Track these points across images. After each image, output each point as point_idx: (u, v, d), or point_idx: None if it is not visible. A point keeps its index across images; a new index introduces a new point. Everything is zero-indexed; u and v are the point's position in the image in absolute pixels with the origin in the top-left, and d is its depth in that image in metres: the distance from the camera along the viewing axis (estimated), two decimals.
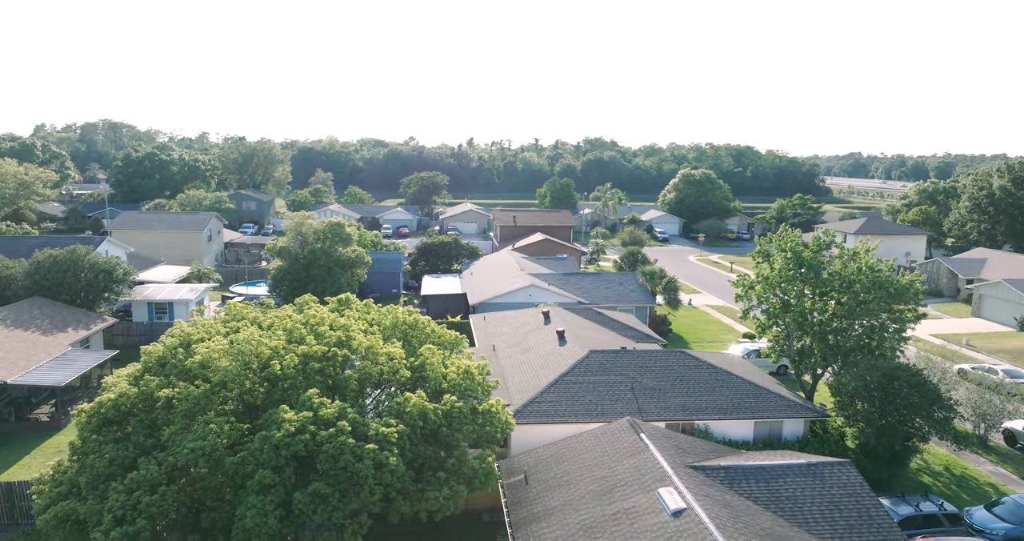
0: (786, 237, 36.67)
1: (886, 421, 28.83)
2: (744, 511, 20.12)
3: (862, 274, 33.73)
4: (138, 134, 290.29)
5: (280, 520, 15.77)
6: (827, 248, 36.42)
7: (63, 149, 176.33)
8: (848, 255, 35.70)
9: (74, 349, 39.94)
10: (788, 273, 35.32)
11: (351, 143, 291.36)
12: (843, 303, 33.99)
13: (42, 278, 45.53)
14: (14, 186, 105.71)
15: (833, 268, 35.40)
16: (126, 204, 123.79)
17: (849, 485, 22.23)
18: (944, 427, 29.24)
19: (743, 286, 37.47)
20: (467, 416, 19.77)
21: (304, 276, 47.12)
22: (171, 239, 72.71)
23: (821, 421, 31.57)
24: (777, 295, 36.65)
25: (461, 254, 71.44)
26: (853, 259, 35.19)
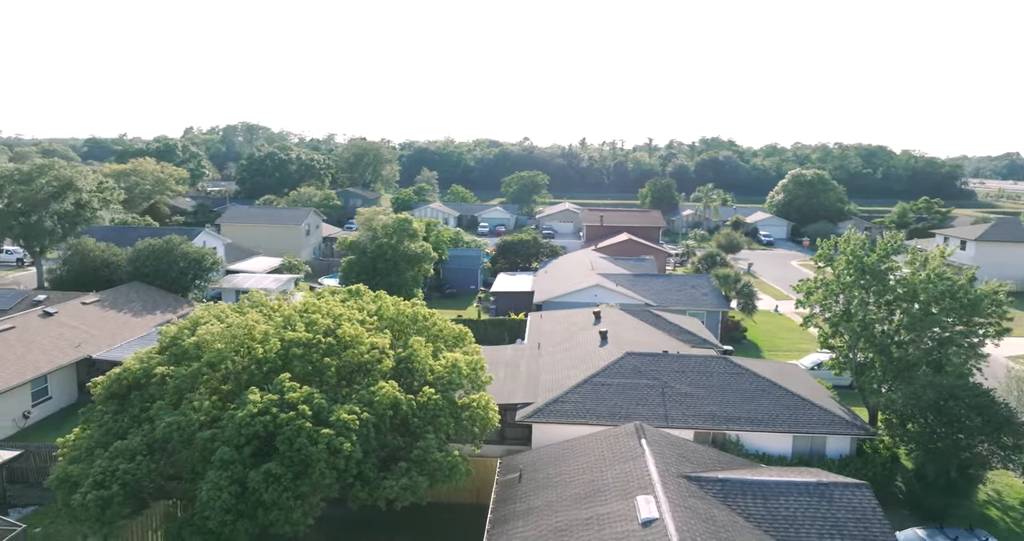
0: (850, 240, 34.06)
1: (937, 445, 26.15)
2: (728, 527, 18.96)
3: (929, 282, 30.73)
4: (272, 135, 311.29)
5: (235, 496, 16.59)
6: (895, 253, 33.46)
7: (201, 149, 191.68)
8: (920, 261, 32.66)
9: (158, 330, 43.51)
10: (848, 279, 32.79)
11: (466, 143, 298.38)
12: (909, 313, 31.12)
13: (141, 265, 49.95)
14: (151, 182, 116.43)
15: (902, 275, 32.50)
16: (248, 200, 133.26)
17: (859, 509, 20.39)
18: (1013, 455, 26.15)
19: (803, 291, 35.18)
20: (444, 409, 19.88)
21: (371, 269, 48.91)
22: (272, 232, 77.49)
23: (871, 440, 29.13)
24: (839, 302, 34.13)
25: (541, 252, 71.50)
26: (924, 265, 32.15)
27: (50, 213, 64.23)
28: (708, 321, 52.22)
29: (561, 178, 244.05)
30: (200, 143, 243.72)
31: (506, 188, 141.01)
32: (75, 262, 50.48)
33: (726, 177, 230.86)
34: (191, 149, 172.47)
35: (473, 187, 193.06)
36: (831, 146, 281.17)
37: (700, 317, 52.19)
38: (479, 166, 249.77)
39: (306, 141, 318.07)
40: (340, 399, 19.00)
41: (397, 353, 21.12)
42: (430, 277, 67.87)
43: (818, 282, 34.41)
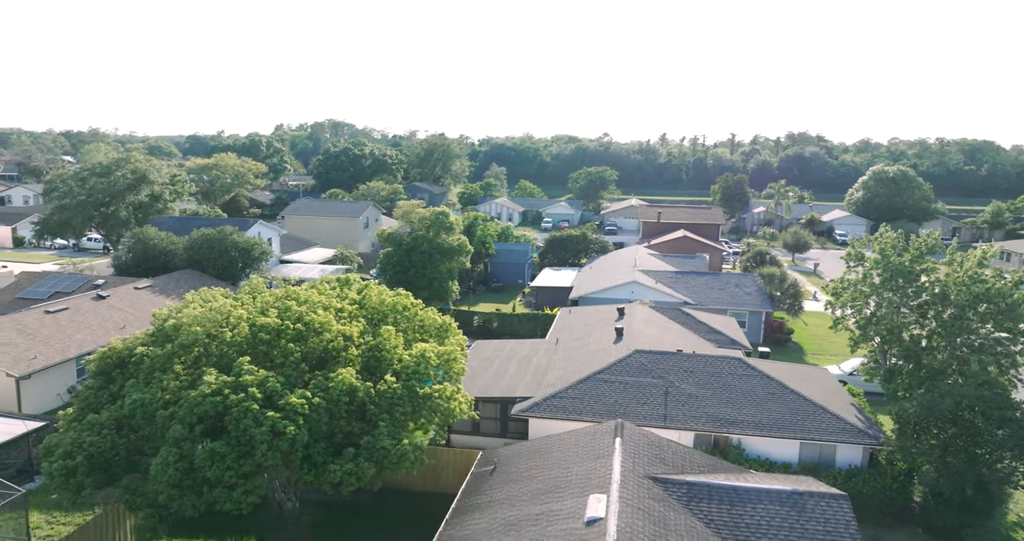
0: (884, 238, 32.04)
1: (949, 460, 24.26)
2: (681, 531, 18.25)
3: (963, 284, 28.51)
4: (356, 131, 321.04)
5: (182, 472, 17.31)
6: (930, 253, 31.20)
7: (286, 146, 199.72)
8: (958, 262, 30.35)
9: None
10: (876, 280, 30.89)
11: (544, 139, 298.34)
12: (939, 318, 29.01)
13: (195, 253, 52.66)
14: (231, 176, 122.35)
15: (936, 277, 30.32)
16: (322, 194, 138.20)
17: (832, 521, 19.19)
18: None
19: (832, 292, 33.38)
20: (403, 398, 20.04)
21: (406, 261, 49.74)
22: (331, 225, 80.00)
23: (890, 451, 27.33)
24: (870, 305, 32.20)
25: (590, 248, 70.73)
26: (961, 267, 29.86)
27: (126, 204, 68.65)
28: (750, 321, 50.36)
29: (637, 175, 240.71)
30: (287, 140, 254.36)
31: (573, 184, 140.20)
32: (137, 250, 53.69)
33: (811, 174, 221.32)
34: (275, 145, 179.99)
35: (548, 183, 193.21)
36: (931, 141, 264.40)
37: (742, 317, 50.39)
38: (555, 162, 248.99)
39: (388, 137, 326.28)
40: (299, 384, 19.48)
41: (367, 342, 21.43)
42: (478, 271, 68.55)
43: (846, 282, 32.55)
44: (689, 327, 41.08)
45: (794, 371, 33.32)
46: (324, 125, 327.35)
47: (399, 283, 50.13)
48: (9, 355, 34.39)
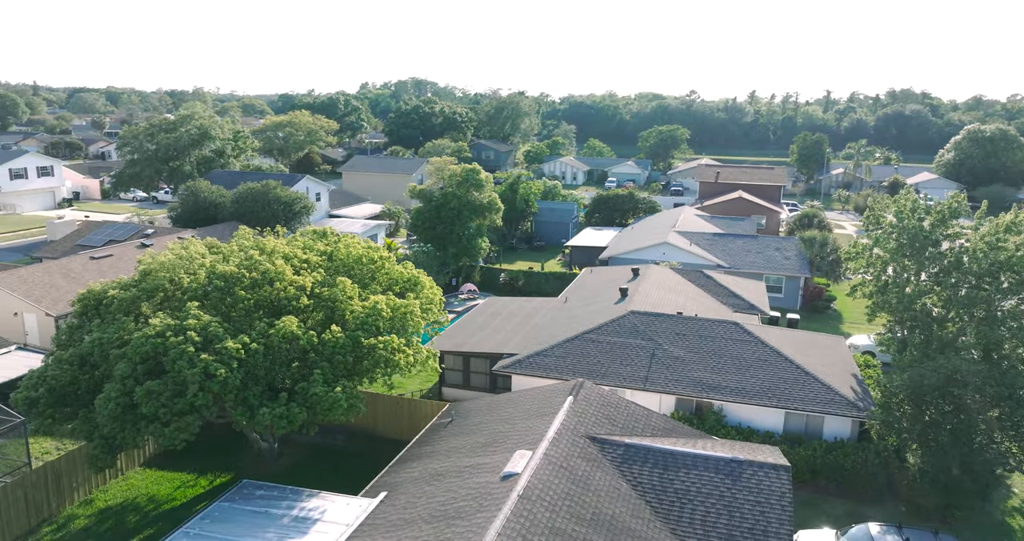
0: (902, 200, 29.78)
1: (933, 436, 22.72)
2: (600, 492, 18.05)
3: (978, 251, 26.21)
4: (438, 90, 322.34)
5: (122, 407, 18.47)
6: (954, 217, 28.72)
7: (364, 104, 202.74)
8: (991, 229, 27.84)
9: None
10: (891, 245, 28.85)
11: (626, 97, 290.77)
12: (948, 286, 26.88)
13: (240, 206, 54.91)
14: (304, 133, 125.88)
15: (960, 243, 27.99)
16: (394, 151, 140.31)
17: (765, 492, 18.46)
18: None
19: (846, 257, 31.44)
20: (345, 347, 20.50)
21: (435, 217, 50.16)
22: (386, 181, 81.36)
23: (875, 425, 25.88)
24: (888, 272, 30.19)
25: (638, 208, 69.09)
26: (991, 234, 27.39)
27: (190, 158, 72.04)
28: (787, 287, 48.22)
29: (721, 134, 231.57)
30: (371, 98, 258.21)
31: (643, 143, 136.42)
32: (189, 202, 56.50)
33: (911, 134, 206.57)
34: (353, 103, 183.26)
35: (626, 142, 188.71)
36: None
37: (778, 282, 48.32)
38: (634, 120, 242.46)
39: (469, 95, 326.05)
40: (244, 330, 20.25)
41: (322, 292, 21.95)
42: (521, 230, 68.39)
43: (860, 247, 30.54)
44: (708, 290, 39.78)
45: (800, 339, 31.80)
46: (407, 83, 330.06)
47: (428, 239, 50.85)
48: (51, 296, 37.24)
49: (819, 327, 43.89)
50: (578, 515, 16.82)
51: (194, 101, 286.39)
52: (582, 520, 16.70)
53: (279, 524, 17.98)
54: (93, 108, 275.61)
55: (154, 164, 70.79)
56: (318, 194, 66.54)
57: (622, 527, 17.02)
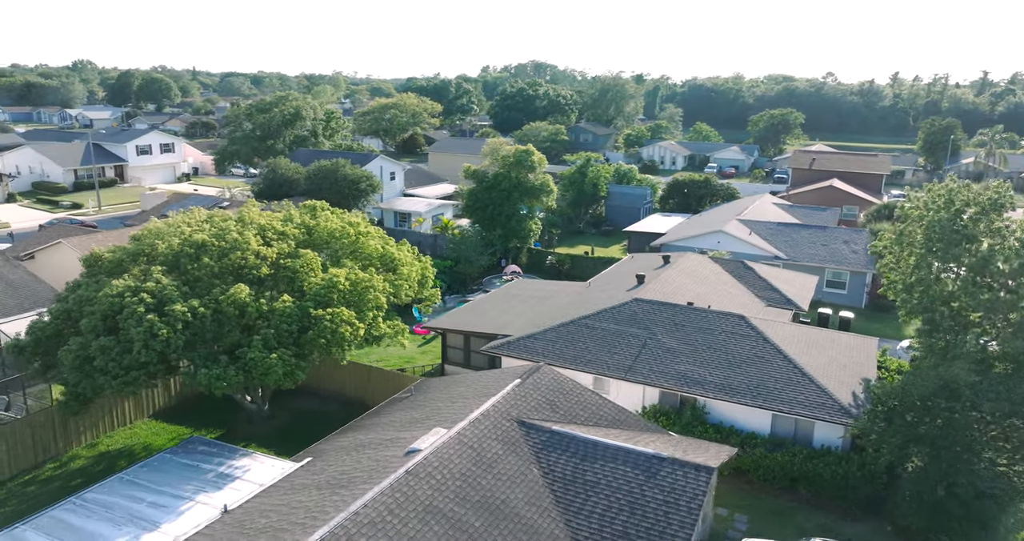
0: (936, 189, 26.73)
1: (916, 451, 20.42)
2: (505, 476, 17.77)
3: (1009, 251, 23.06)
4: (557, 73, 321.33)
5: (80, 359, 20.17)
6: (996, 210, 25.36)
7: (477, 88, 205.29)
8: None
9: None
10: (909, 239, 26.06)
11: (753, 80, 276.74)
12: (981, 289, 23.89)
13: (311, 183, 57.65)
14: (409, 115, 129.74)
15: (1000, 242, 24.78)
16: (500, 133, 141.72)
17: (676, 492, 17.42)
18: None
19: (872, 251, 28.73)
20: (292, 317, 21.25)
21: (485, 198, 50.37)
22: (457, 161, 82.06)
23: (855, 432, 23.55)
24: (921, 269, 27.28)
25: (715, 194, 66.03)
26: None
27: (283, 137, 76.33)
28: (851, 282, 44.69)
29: (854, 119, 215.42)
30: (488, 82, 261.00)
31: (752, 127, 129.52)
32: (269, 178, 59.99)
33: None
34: (465, 86, 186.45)
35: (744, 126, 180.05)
36: None
37: (842, 277, 44.85)
38: (757, 104, 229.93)
39: (588, 78, 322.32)
40: (203, 295, 21.47)
41: (285, 263, 22.83)
42: (590, 214, 67.34)
43: (886, 241, 27.74)
44: (744, 282, 37.59)
45: (819, 338, 29.42)
46: (527, 67, 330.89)
47: (479, 220, 51.22)
48: None
49: (880, 328, 40.44)
50: (464, 496, 16.69)
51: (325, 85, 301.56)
52: (466, 502, 16.56)
53: (203, 478, 19.10)
54: (239, 91, 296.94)
55: (251, 142, 75.64)
56: (392, 173, 68.58)
57: (510, 513, 16.72)
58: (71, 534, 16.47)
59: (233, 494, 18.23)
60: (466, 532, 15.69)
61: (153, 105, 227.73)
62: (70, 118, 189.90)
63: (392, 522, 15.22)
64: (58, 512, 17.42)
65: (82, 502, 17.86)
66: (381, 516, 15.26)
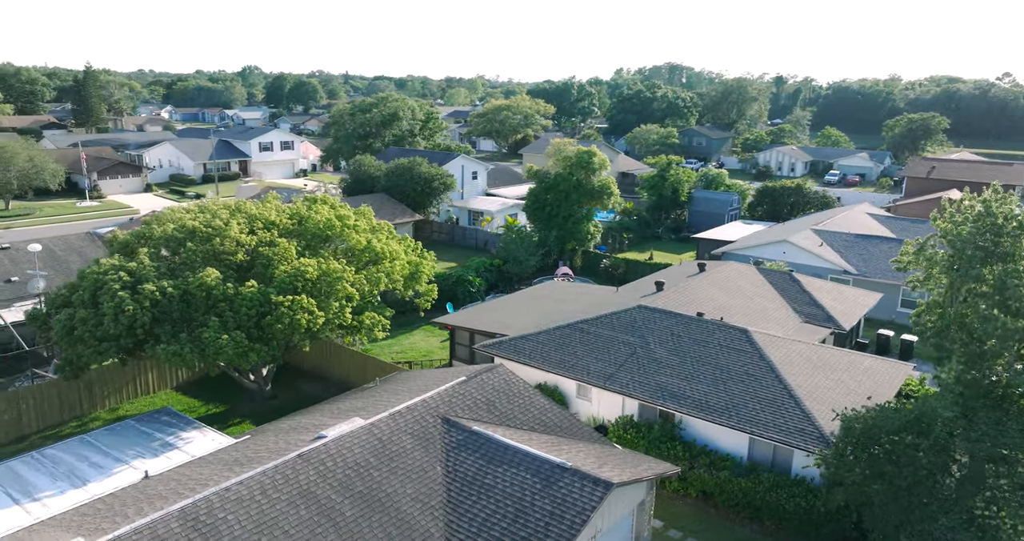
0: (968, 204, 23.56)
1: (876, 489, 18.11)
2: (397, 470, 17.74)
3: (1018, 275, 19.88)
4: (692, 75, 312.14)
5: (67, 329, 22.27)
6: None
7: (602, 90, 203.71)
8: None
9: None
10: (935, 255, 23.13)
11: (912, 82, 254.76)
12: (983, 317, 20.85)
13: (389, 181, 59.96)
14: (521, 117, 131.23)
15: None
16: (611, 135, 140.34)
17: (565, 504, 16.55)
18: None
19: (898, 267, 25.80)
20: (253, 302, 22.32)
21: (543, 199, 50.05)
22: None
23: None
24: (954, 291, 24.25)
25: (807, 202, 61.67)
26: None
27: (382, 137, 79.85)
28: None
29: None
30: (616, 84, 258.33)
31: (887, 132, 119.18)
32: (355, 175, 63.05)
33: None
34: (587, 89, 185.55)
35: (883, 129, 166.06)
36: None
37: (922, 296, 40.42)
38: (909, 108, 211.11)
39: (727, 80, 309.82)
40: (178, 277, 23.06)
41: (262, 251, 24.05)
42: (671, 218, 65.08)
43: (910, 256, 24.75)
44: (785, 295, 34.94)
45: (834, 358, 26.79)
46: (662, 69, 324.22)
47: (536, 220, 51.07)
48: None
49: None
50: (348, 485, 16.88)
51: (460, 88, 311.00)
52: (348, 491, 16.74)
53: (149, 446, 20.58)
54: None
55: (351, 141, 79.72)
56: (475, 172, 69.74)
57: (390, 507, 16.71)
58: (13, 483, 18.36)
59: (164, 462, 19.51)
60: (331, 519, 15.88)
61: (301, 106, 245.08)
62: (227, 118, 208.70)
63: (260, 501, 15.69)
64: (15, 463, 19.46)
65: (40, 457, 19.83)
66: (251, 494, 15.78)
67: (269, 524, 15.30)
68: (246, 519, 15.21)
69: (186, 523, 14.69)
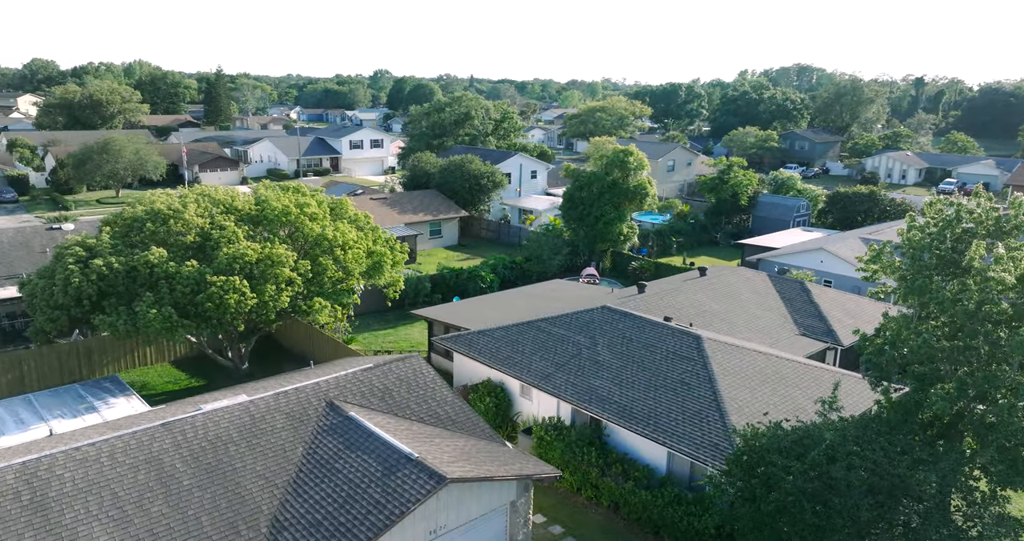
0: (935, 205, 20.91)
1: (749, 514, 16.40)
2: (256, 447, 18.10)
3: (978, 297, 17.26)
4: (823, 76, 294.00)
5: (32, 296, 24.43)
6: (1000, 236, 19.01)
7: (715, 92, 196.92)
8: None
9: (408, 226, 54.04)
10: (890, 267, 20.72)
11: None
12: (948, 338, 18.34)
13: (441, 177, 61.05)
14: (615, 118, 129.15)
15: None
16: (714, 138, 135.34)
17: (394, 493, 16.18)
18: None
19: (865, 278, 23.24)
20: (189, 281, 23.51)
21: (576, 198, 49.02)
22: None
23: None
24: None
25: (883, 210, 56.64)
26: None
27: (453, 136, 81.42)
28: None
29: None
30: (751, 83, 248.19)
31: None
32: (413, 171, 64.72)
33: None
34: (696, 91, 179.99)
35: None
36: None
37: None
38: None
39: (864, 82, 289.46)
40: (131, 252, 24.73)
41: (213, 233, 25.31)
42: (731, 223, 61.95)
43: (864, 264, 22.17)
44: (790, 306, 32.46)
45: (797, 372, 24.50)
46: (790, 71, 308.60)
47: (569, 219, 50.22)
48: None
49: None
50: (197, 457, 17.46)
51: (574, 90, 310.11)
52: (195, 462, 17.32)
53: (75, 408, 22.23)
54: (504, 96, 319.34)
55: (425, 139, 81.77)
56: (533, 172, 69.50)
57: (232, 481, 17.13)
58: None
59: (76, 424, 21.03)
60: (166, 486, 16.48)
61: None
62: (346, 118, 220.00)
63: (103, 462, 16.56)
64: None
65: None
66: (98, 455, 16.68)
67: (102, 484, 16.11)
68: (81, 478, 16.10)
69: (21, 477, 15.75)
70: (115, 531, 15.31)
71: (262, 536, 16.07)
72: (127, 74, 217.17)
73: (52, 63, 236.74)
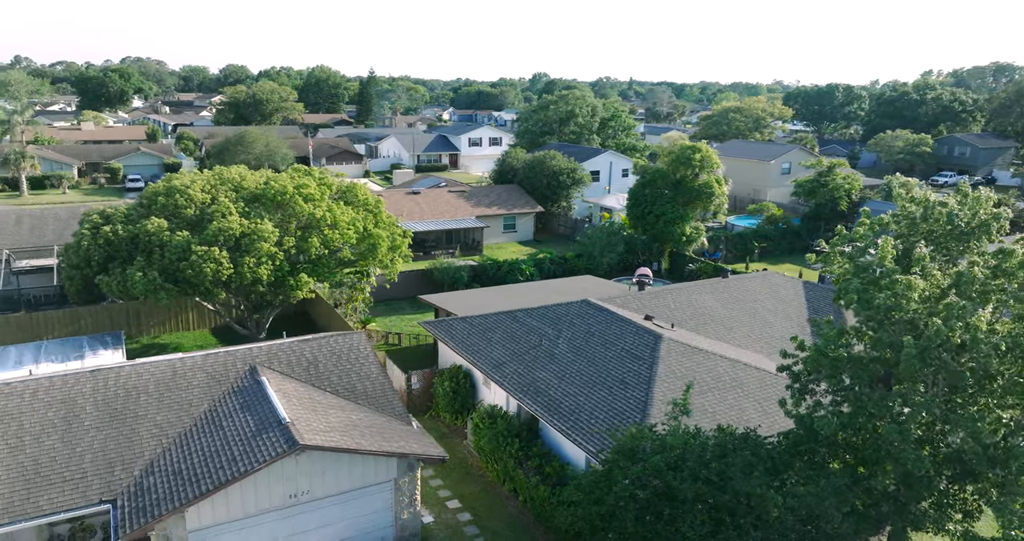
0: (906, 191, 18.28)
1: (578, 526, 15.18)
2: (165, 399, 19.47)
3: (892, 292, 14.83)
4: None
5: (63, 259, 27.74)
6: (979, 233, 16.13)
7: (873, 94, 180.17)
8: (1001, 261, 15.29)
9: (479, 219, 54.87)
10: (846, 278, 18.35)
11: None
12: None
13: (524, 172, 61.32)
14: (751, 120, 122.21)
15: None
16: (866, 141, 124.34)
17: (250, 453, 16.72)
18: None
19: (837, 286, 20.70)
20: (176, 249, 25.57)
21: (639, 195, 47.18)
22: (739, 166, 75.47)
23: None
24: None
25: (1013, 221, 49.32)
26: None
27: (557, 134, 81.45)
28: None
29: None
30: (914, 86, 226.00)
31: None
32: (501, 166, 65.55)
33: None
34: (855, 92, 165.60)
35: None
36: None
37: None
38: None
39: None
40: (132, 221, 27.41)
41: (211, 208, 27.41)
42: (831, 232, 56.79)
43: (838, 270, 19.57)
44: (817, 314, 29.35)
45: (759, 379, 22.20)
46: (985, 70, 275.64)
47: (632, 217, 48.60)
48: None
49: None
50: (108, 402, 19.23)
51: (728, 92, 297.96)
52: (105, 406, 19.07)
53: (69, 355, 25.03)
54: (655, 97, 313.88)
55: (529, 136, 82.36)
56: (625, 170, 67.67)
57: (129, 425, 18.69)
58: None
59: (58, 368, 23.65)
60: (69, 424, 18.23)
61: None
62: (492, 118, 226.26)
63: (24, 397, 18.65)
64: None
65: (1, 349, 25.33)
66: (23, 391, 18.80)
67: (13, 415, 18.15)
68: (1, 409, 18.23)
69: None
70: (6, 456, 17.20)
71: (132, 478, 17.33)
72: (303, 77, 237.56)
73: (243, 68, 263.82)
